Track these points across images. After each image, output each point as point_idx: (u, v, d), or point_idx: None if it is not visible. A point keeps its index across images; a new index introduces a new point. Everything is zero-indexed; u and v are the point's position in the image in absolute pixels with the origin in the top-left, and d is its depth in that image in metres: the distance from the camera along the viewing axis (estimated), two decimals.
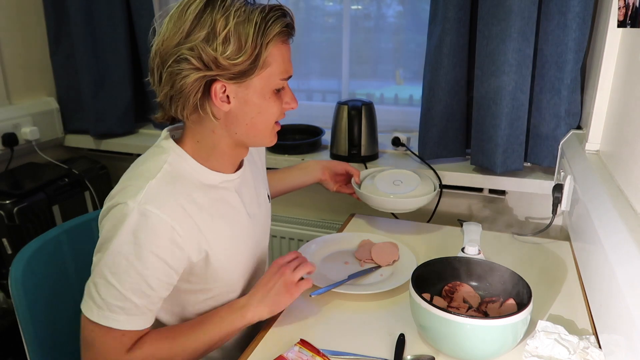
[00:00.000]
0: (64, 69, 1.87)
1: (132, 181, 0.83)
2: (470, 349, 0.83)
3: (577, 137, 1.29)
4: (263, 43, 0.80)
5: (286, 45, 0.85)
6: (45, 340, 1.00)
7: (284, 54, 0.85)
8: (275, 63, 0.84)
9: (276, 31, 0.81)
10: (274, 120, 0.90)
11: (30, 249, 1.00)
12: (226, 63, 0.79)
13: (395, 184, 1.29)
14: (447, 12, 1.37)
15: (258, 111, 0.86)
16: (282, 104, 0.90)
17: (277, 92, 0.87)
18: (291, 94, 0.91)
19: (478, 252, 1.11)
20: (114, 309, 0.81)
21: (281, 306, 0.92)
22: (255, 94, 0.84)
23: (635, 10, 0.91)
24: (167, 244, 0.81)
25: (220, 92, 0.82)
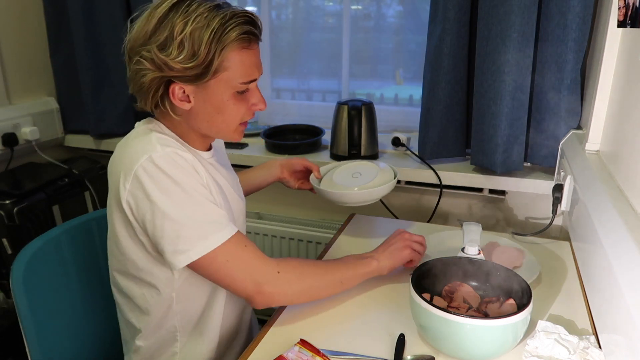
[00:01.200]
0: (64, 69, 1.87)
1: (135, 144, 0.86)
2: (470, 349, 0.83)
3: (577, 137, 1.29)
4: (217, 49, 0.82)
5: (249, 50, 0.87)
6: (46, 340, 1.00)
7: (245, 58, 0.86)
8: (234, 68, 0.85)
9: (232, 38, 0.83)
10: (237, 121, 0.92)
11: (32, 249, 1.00)
12: (178, 67, 0.82)
13: (354, 176, 1.25)
14: (447, 12, 1.37)
15: (217, 112, 0.89)
16: (247, 105, 0.92)
17: (239, 94, 0.89)
18: (259, 96, 0.93)
19: (478, 252, 1.11)
20: (224, 222, 0.87)
21: (400, 259, 1.04)
22: (215, 95, 0.87)
23: (635, 10, 0.91)
24: (195, 174, 0.87)
25: (179, 92, 0.86)
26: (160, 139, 0.86)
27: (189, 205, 0.84)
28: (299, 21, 1.90)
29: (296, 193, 1.82)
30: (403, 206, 1.68)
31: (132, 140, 0.89)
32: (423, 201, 1.67)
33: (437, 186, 1.55)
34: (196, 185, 0.86)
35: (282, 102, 1.97)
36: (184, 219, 0.83)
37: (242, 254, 0.88)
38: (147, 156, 0.83)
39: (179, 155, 0.85)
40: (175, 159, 0.84)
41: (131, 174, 0.83)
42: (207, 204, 0.86)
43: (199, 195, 0.85)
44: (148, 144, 0.85)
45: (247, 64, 0.87)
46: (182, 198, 0.83)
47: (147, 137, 0.87)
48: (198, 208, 0.85)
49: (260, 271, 0.89)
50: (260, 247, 1.82)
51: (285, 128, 1.83)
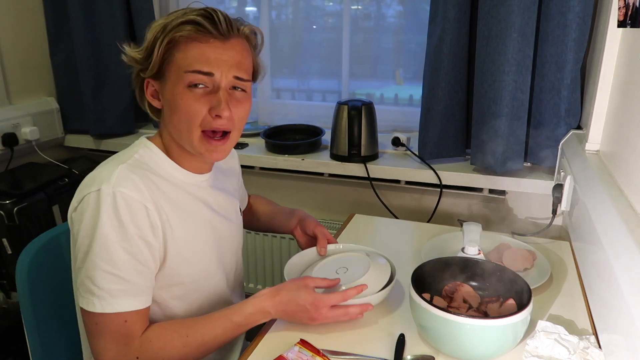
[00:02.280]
0: (64, 69, 1.87)
1: (103, 168, 0.86)
2: (470, 349, 0.83)
3: (577, 137, 1.29)
4: (158, 38, 0.85)
5: (198, 42, 0.85)
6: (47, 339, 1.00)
7: (193, 49, 0.85)
8: (181, 57, 0.85)
9: (181, 29, 0.84)
10: (192, 123, 0.86)
11: (35, 246, 1.00)
12: (130, 55, 0.88)
13: (338, 272, 1.02)
14: (447, 12, 1.37)
15: (173, 109, 0.87)
16: (202, 106, 0.86)
17: (190, 89, 0.85)
18: (219, 98, 0.86)
19: (478, 252, 1.11)
20: (115, 294, 0.81)
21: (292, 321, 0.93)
22: (168, 89, 0.87)
23: (635, 10, 0.91)
24: (146, 224, 0.83)
25: (151, 89, 0.90)
26: (122, 175, 0.83)
27: (103, 260, 0.80)
28: (299, 21, 1.90)
29: (295, 193, 1.82)
30: (403, 206, 1.68)
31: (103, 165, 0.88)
32: (423, 201, 1.67)
33: (437, 186, 1.55)
34: (127, 239, 0.81)
35: (282, 102, 1.97)
36: (93, 266, 0.80)
37: (113, 328, 0.82)
38: (95, 188, 0.81)
39: (126, 199, 0.81)
40: (119, 203, 0.80)
41: (79, 198, 0.83)
42: (133, 264, 0.82)
43: (122, 252, 0.81)
44: (106, 176, 0.83)
45: (194, 56, 0.85)
46: (101, 250, 0.80)
47: (114, 166, 0.85)
48: (123, 264, 0.81)
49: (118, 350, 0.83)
50: (261, 247, 1.85)
51: (285, 128, 1.83)
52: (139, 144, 0.93)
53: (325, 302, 0.90)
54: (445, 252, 1.15)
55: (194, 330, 0.87)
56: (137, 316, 0.84)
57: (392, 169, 1.58)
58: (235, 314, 0.89)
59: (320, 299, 0.90)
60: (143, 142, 0.93)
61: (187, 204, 0.93)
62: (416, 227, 1.39)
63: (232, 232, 1.05)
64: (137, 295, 0.83)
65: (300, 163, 1.65)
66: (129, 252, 0.82)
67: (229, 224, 1.04)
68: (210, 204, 0.98)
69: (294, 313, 0.91)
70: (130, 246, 0.82)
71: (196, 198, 0.95)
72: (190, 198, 0.94)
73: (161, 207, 0.87)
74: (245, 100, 0.91)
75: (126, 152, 0.91)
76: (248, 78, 0.91)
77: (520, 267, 1.12)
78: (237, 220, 1.08)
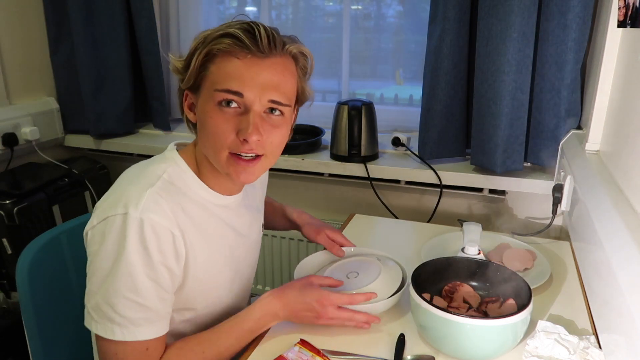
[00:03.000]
0: (64, 69, 1.87)
1: (131, 188, 0.81)
2: (470, 349, 0.83)
3: (577, 137, 1.29)
4: (198, 50, 0.80)
5: (235, 59, 0.79)
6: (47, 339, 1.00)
7: (228, 66, 0.79)
8: (215, 73, 0.80)
9: (219, 42, 0.78)
10: (220, 142, 0.81)
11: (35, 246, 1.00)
12: (173, 64, 0.84)
13: (348, 277, 1.02)
14: (447, 12, 1.37)
15: (203, 127, 0.83)
16: (232, 127, 0.80)
17: (220, 107, 0.80)
18: (248, 121, 0.79)
19: (478, 252, 1.11)
20: (138, 322, 0.79)
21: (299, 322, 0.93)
22: (202, 105, 0.83)
23: (635, 10, 0.91)
24: (171, 251, 0.80)
25: (188, 101, 0.86)
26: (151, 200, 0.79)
27: (123, 288, 0.77)
28: (299, 21, 1.90)
29: (295, 193, 1.82)
30: (403, 206, 1.68)
31: (142, 171, 0.85)
32: (423, 201, 1.67)
33: (437, 186, 1.55)
34: (152, 267, 0.78)
35: None
36: (110, 295, 0.77)
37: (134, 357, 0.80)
38: (121, 211, 0.77)
39: (152, 226, 0.77)
40: (146, 229, 0.76)
41: (101, 217, 0.78)
42: (157, 292, 0.80)
43: (147, 280, 0.78)
44: (135, 199, 0.78)
45: (227, 72, 0.79)
46: (122, 276, 0.77)
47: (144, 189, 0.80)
48: (148, 293, 0.78)
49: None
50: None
51: None
52: (169, 159, 0.88)
53: (332, 301, 0.90)
54: (445, 252, 1.15)
55: (209, 346, 0.87)
56: (157, 342, 0.82)
57: (392, 169, 1.58)
58: (245, 321, 0.89)
59: (327, 297, 0.90)
60: (174, 157, 0.88)
61: (211, 228, 0.89)
62: (416, 227, 1.39)
63: (249, 249, 1.03)
64: (158, 322, 0.82)
65: (300, 163, 1.65)
66: (153, 279, 0.79)
67: (248, 242, 1.01)
68: (235, 226, 0.95)
69: (300, 312, 0.90)
70: (154, 274, 0.79)
71: (222, 221, 0.92)
72: (215, 221, 0.91)
73: (187, 232, 0.83)
74: (281, 124, 0.83)
75: (154, 169, 0.85)
76: (287, 103, 0.83)
77: (520, 267, 1.12)
78: (257, 236, 1.06)
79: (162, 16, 1.91)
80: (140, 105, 1.92)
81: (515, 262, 1.13)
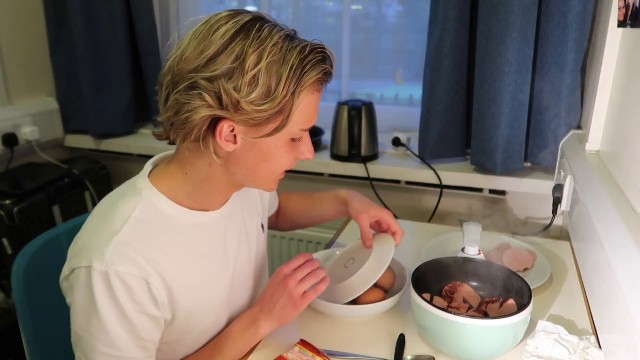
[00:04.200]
0: (64, 69, 1.87)
1: (96, 236, 0.75)
2: (470, 349, 0.83)
3: (577, 137, 1.29)
4: (295, 92, 0.70)
5: (319, 93, 0.75)
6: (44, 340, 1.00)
7: (312, 103, 0.74)
8: (301, 112, 0.73)
9: (313, 79, 0.70)
10: (280, 170, 0.80)
11: (32, 248, 1.00)
12: (248, 108, 0.68)
13: (347, 265, 1.03)
14: (447, 12, 1.37)
15: (265, 159, 0.76)
16: (295, 154, 0.80)
17: (292, 141, 0.77)
18: (309, 144, 0.80)
19: (478, 252, 1.11)
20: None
21: (289, 318, 0.85)
22: (268, 141, 0.74)
23: (635, 10, 0.91)
24: (147, 299, 0.75)
25: (227, 131, 0.72)
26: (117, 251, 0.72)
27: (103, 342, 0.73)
28: (299, 21, 1.90)
29: None
30: (403, 206, 1.68)
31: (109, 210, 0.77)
32: (423, 201, 1.67)
33: (437, 186, 1.55)
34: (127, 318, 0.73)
35: None
36: (92, 350, 0.74)
37: None
38: (87, 263, 0.71)
39: (121, 279, 0.71)
40: (114, 283, 0.71)
41: (69, 268, 0.74)
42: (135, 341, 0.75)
43: (122, 332, 0.74)
44: (100, 249, 0.72)
45: (313, 109, 0.76)
46: (116, 331, 0.73)
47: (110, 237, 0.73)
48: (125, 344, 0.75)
49: None
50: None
51: None
52: (138, 191, 0.79)
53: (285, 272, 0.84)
54: (445, 252, 1.15)
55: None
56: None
57: (392, 169, 1.58)
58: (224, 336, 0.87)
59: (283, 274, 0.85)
60: (144, 189, 0.79)
61: (197, 252, 0.83)
62: (416, 227, 1.39)
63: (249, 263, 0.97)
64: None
65: (300, 163, 1.65)
66: (129, 330, 0.74)
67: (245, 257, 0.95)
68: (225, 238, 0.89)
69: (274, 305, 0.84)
70: (129, 325, 0.74)
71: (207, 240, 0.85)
72: (199, 244, 0.84)
73: (166, 272, 0.77)
74: None
75: (123, 207, 0.77)
76: None
77: (520, 267, 1.12)
78: (256, 244, 0.99)
79: (162, 16, 1.91)
80: (140, 105, 1.92)
81: (515, 262, 1.13)
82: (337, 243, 1.30)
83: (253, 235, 0.98)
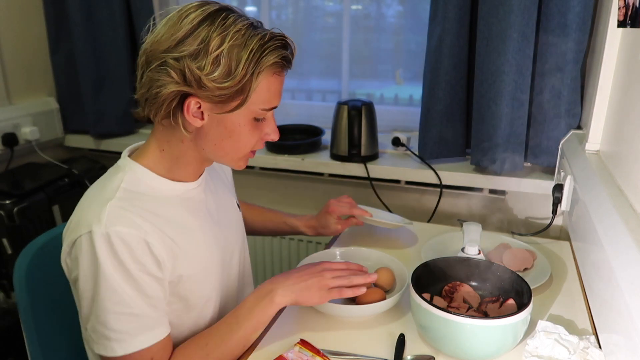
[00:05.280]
0: (64, 69, 1.87)
1: (90, 207, 0.79)
2: (470, 349, 0.83)
3: (577, 137, 1.29)
4: (254, 72, 0.77)
5: (278, 76, 0.82)
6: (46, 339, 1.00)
7: (273, 85, 0.82)
8: (261, 93, 0.80)
9: (270, 62, 0.78)
10: (246, 149, 0.87)
11: (34, 247, 1.00)
12: (210, 85, 0.76)
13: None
14: (447, 12, 1.37)
15: (229, 135, 0.83)
16: (260, 134, 0.87)
17: (256, 120, 0.84)
18: (273, 125, 0.88)
19: (478, 252, 1.11)
20: (134, 333, 0.78)
21: (306, 302, 0.90)
22: (231, 118, 0.81)
23: (635, 10, 0.91)
24: (148, 259, 0.79)
25: (194, 107, 0.79)
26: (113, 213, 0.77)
27: (110, 302, 0.76)
28: (299, 21, 1.90)
29: (295, 192, 1.82)
30: (403, 206, 1.68)
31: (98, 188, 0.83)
32: (423, 201, 1.67)
33: (437, 186, 1.55)
34: (132, 277, 0.77)
35: (282, 102, 1.96)
36: (99, 313, 0.77)
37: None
38: (86, 231, 0.75)
39: (122, 237, 0.76)
40: (115, 243, 0.75)
41: (69, 242, 0.78)
42: (144, 299, 0.79)
43: (130, 290, 0.77)
44: (96, 216, 0.76)
45: (274, 91, 0.83)
46: (106, 292, 0.76)
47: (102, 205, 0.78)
48: (134, 302, 0.78)
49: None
50: (261, 247, 1.84)
51: (285, 128, 1.83)
52: (122, 167, 0.85)
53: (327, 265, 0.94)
54: (445, 252, 1.15)
55: (211, 338, 0.86)
56: (160, 347, 0.82)
57: (392, 169, 1.58)
58: (241, 307, 0.89)
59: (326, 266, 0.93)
60: (127, 164, 0.86)
61: (187, 220, 0.88)
62: (416, 227, 1.39)
63: (234, 234, 1.02)
64: (155, 327, 0.81)
65: (300, 163, 1.65)
66: (136, 289, 0.78)
67: (229, 228, 1.00)
68: (208, 210, 0.94)
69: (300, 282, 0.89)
70: (136, 283, 0.78)
71: (194, 210, 0.90)
72: (187, 213, 0.89)
73: (164, 234, 0.82)
74: None
75: (110, 182, 0.83)
76: None
77: (520, 267, 1.12)
78: (236, 217, 1.06)
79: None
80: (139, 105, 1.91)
81: (515, 262, 1.13)
82: (337, 243, 1.30)
83: (231, 209, 1.04)
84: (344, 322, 0.97)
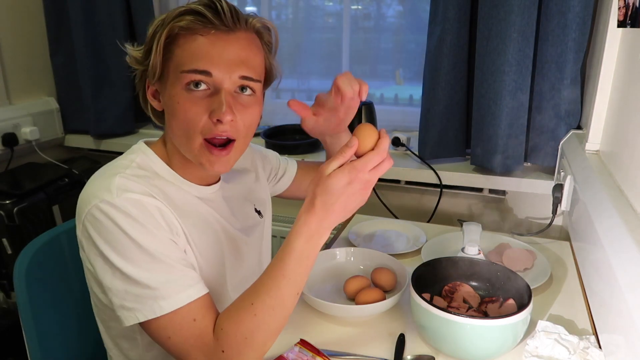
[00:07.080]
0: (64, 69, 1.87)
1: (99, 181, 0.77)
2: (470, 349, 0.83)
3: (577, 137, 1.29)
4: (160, 32, 0.76)
5: (199, 36, 0.75)
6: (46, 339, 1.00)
7: (193, 46, 0.75)
8: (179, 54, 0.76)
9: (180, 20, 0.75)
10: (191, 128, 0.76)
11: (34, 247, 1.00)
12: (133, 54, 0.82)
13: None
14: (447, 12, 1.37)
15: (172, 113, 0.78)
16: (203, 110, 0.75)
17: (188, 91, 0.75)
18: (220, 102, 0.74)
19: (478, 252, 1.11)
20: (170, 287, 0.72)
21: (351, 211, 0.76)
22: (168, 90, 0.78)
23: (635, 10, 0.91)
24: (162, 224, 0.76)
25: (152, 89, 0.82)
26: (122, 184, 0.75)
27: (141, 261, 0.72)
28: (299, 21, 1.90)
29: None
30: (403, 206, 1.68)
31: (98, 176, 0.79)
32: (423, 201, 1.67)
33: (437, 186, 1.55)
34: (154, 235, 0.73)
35: (282, 102, 1.97)
36: (134, 274, 0.72)
37: (186, 332, 0.73)
38: (96, 202, 0.72)
39: (135, 201, 0.73)
40: (128, 207, 0.72)
41: (81, 219, 0.75)
42: (165, 255, 0.74)
43: (156, 244, 0.73)
44: (105, 187, 0.74)
45: (192, 51, 0.75)
46: (133, 251, 0.72)
47: (111, 177, 0.76)
48: (153, 260, 0.73)
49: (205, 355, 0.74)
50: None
51: (285, 128, 1.83)
52: (136, 150, 0.84)
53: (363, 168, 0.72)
54: (445, 252, 1.15)
55: (256, 295, 0.74)
56: (202, 309, 0.74)
57: (392, 169, 1.54)
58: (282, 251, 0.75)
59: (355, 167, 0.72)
60: (141, 148, 0.84)
61: (198, 212, 0.84)
62: (416, 227, 1.38)
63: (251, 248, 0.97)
64: (191, 286, 0.74)
65: None
66: (160, 242, 0.74)
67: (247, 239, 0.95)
68: (222, 218, 0.90)
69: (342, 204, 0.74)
70: (157, 239, 0.74)
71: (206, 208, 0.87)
72: (199, 205, 0.85)
73: (175, 219, 0.79)
74: (253, 104, 0.79)
75: (121, 160, 0.82)
76: (257, 78, 0.79)
77: (520, 267, 1.12)
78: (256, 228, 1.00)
79: None
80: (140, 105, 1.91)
81: (515, 262, 1.13)
82: (337, 243, 1.30)
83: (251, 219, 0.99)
84: (344, 322, 0.97)
